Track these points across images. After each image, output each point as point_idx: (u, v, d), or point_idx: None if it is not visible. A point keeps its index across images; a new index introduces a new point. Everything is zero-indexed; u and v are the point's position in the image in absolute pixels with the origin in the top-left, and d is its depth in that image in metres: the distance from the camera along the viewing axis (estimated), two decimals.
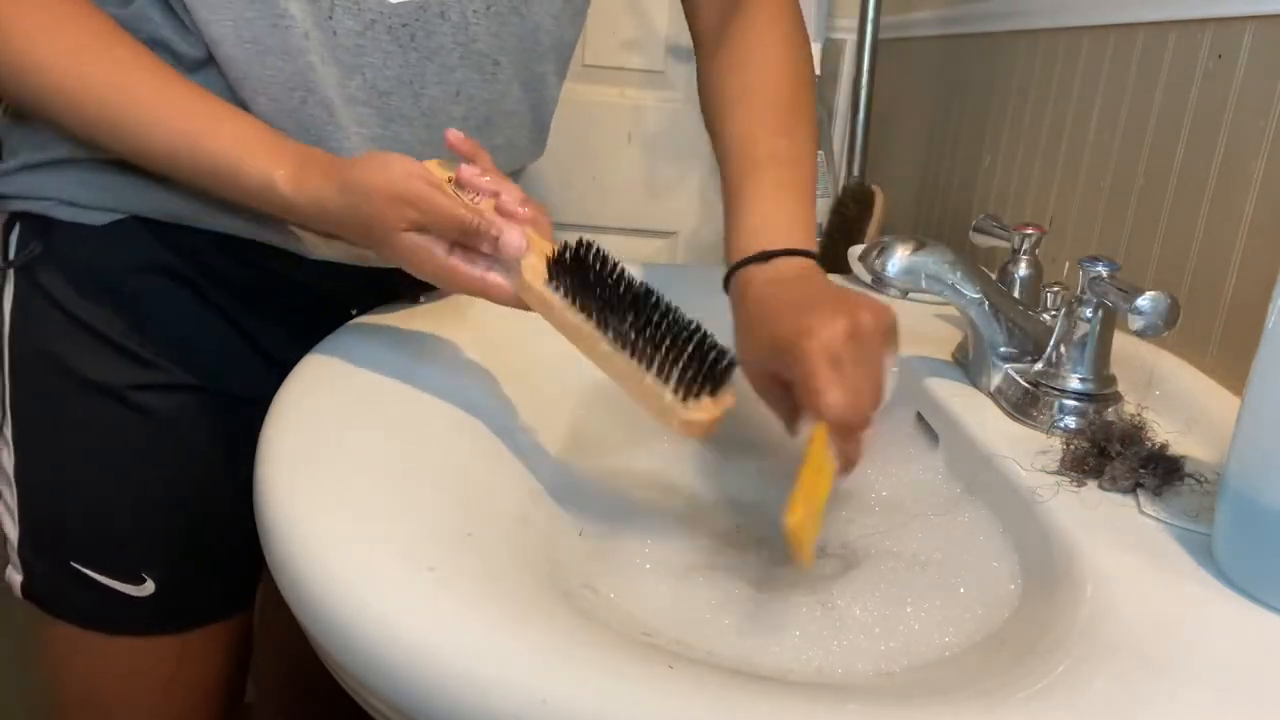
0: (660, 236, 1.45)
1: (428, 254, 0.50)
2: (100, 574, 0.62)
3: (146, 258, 0.61)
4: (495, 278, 0.50)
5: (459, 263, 0.50)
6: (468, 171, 0.52)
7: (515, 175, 0.70)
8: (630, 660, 0.34)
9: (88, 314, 0.61)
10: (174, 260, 0.62)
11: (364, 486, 0.44)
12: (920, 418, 0.63)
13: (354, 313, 0.66)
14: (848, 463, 0.46)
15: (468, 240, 0.49)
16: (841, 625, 0.43)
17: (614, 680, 0.33)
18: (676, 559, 0.49)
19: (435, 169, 0.52)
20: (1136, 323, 0.50)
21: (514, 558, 0.43)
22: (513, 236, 0.49)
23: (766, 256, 0.53)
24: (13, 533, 0.63)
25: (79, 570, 0.62)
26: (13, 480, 0.62)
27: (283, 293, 0.65)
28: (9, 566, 0.64)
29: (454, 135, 0.53)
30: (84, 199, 0.60)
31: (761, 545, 0.52)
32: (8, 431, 0.62)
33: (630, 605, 0.44)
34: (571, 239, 0.49)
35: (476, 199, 0.51)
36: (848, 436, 0.45)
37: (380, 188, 0.49)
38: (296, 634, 0.40)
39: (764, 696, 0.34)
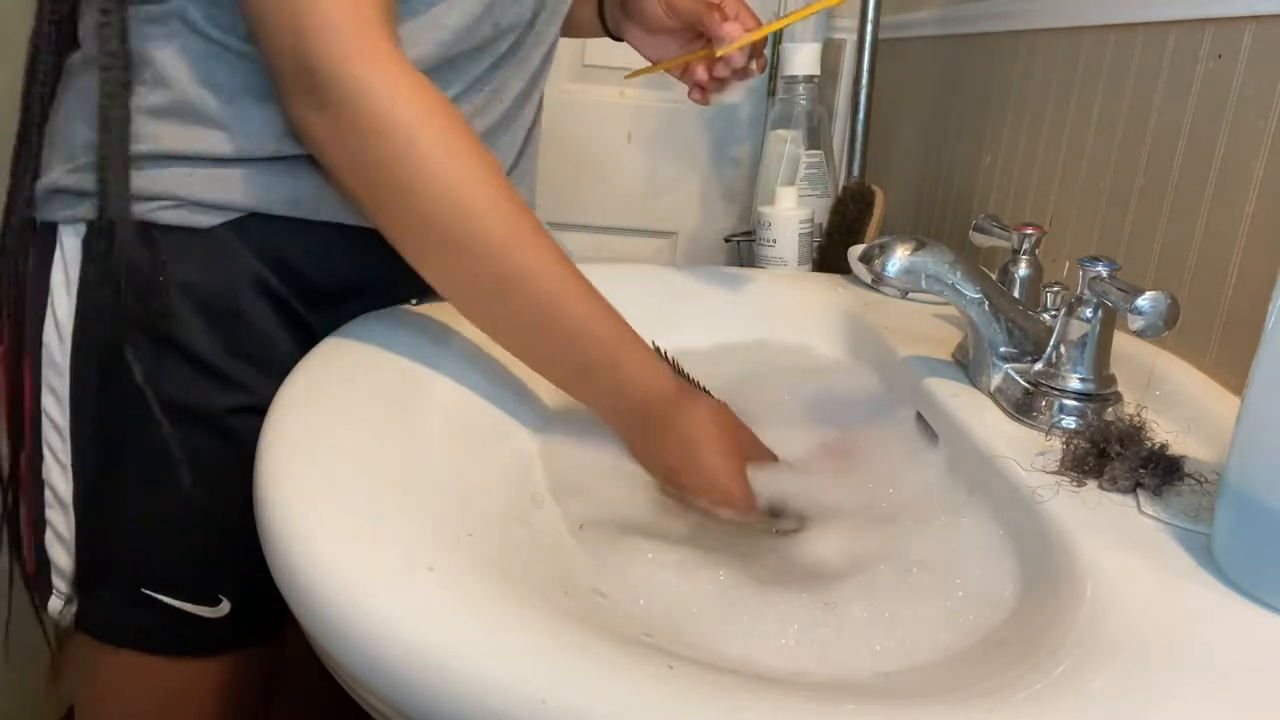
0: (660, 236, 1.45)
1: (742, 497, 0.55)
2: (174, 599, 0.60)
3: (243, 271, 0.59)
4: None
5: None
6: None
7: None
8: (630, 660, 0.34)
9: (179, 332, 0.58)
10: (264, 272, 0.60)
11: (364, 486, 0.44)
12: (920, 418, 0.63)
13: (415, 302, 0.67)
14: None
15: None
16: (841, 625, 0.43)
17: (614, 680, 0.33)
18: (677, 559, 0.49)
19: None
20: (1136, 323, 0.50)
21: (514, 558, 0.43)
22: None
23: None
24: (65, 560, 0.60)
25: (150, 596, 0.60)
26: (69, 505, 0.60)
27: (367, 298, 0.65)
28: (53, 597, 0.61)
29: None
30: (202, 194, 0.57)
31: (762, 546, 0.52)
32: (65, 456, 0.59)
33: (630, 605, 0.44)
34: None
35: None
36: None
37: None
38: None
39: (763, 696, 0.34)
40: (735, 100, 0.78)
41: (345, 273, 0.64)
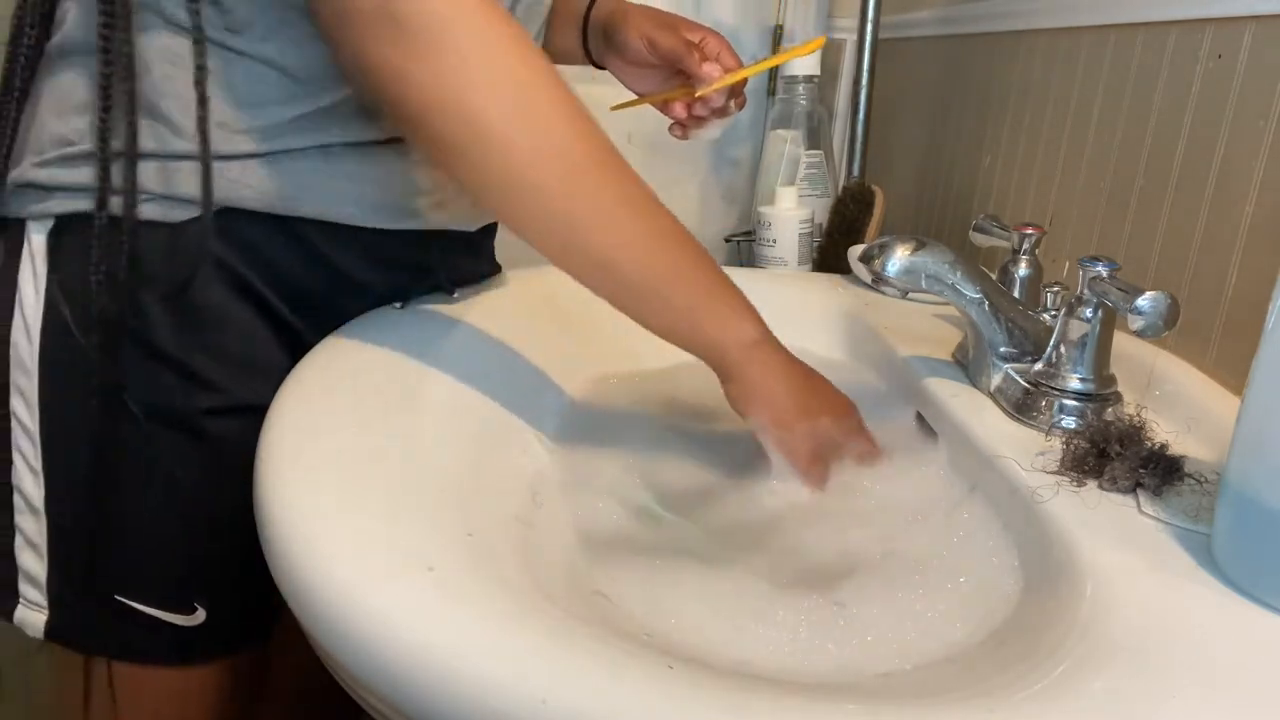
0: None
1: (830, 449, 0.57)
2: (149, 606, 0.59)
3: (214, 268, 0.58)
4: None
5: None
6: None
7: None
8: (630, 660, 0.34)
9: (147, 331, 0.56)
10: (242, 270, 0.59)
11: (364, 486, 0.44)
12: (920, 418, 0.63)
13: (399, 306, 0.67)
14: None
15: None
16: (841, 625, 0.43)
17: (614, 680, 0.33)
18: (677, 559, 0.49)
19: None
20: (1136, 323, 0.50)
21: (514, 558, 0.43)
22: None
23: None
24: (38, 567, 0.59)
25: (124, 604, 0.58)
26: (41, 510, 0.58)
27: (345, 297, 0.64)
28: (21, 604, 0.59)
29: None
30: (173, 189, 0.56)
31: (762, 545, 0.52)
32: (34, 460, 0.58)
33: (631, 605, 0.44)
34: None
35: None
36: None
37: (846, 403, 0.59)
38: (295, 638, 0.40)
39: (763, 696, 0.34)
40: (713, 136, 0.78)
41: (331, 272, 0.62)
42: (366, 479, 0.45)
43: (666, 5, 1.34)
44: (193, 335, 0.58)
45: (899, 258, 0.56)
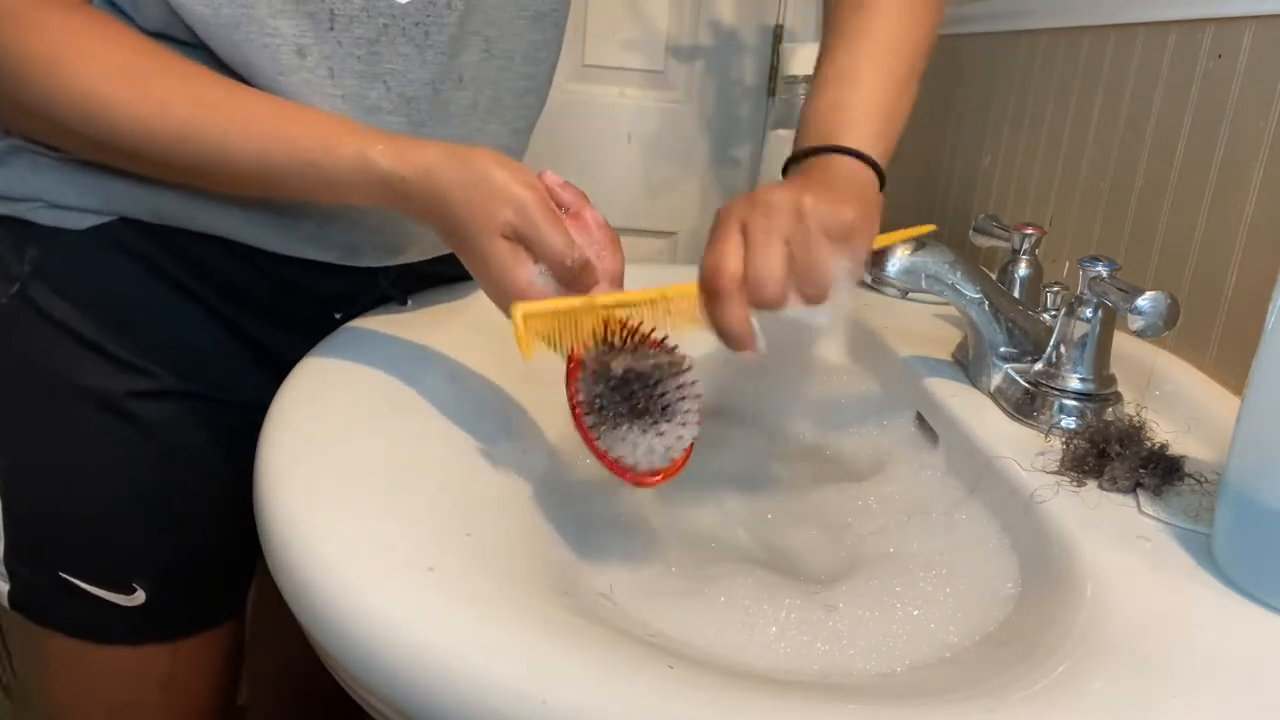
0: (660, 236, 1.45)
1: (511, 266, 0.46)
2: (89, 584, 0.61)
3: (135, 261, 0.59)
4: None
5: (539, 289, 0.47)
6: (551, 178, 0.49)
7: None
8: (630, 660, 0.34)
9: (76, 322, 0.59)
10: (165, 261, 0.60)
11: (364, 487, 0.44)
12: (920, 418, 0.63)
13: (337, 316, 0.65)
14: (724, 333, 0.46)
15: (559, 275, 0.47)
16: (841, 625, 0.43)
17: (614, 680, 0.33)
18: (677, 559, 0.49)
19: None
20: (1136, 323, 0.50)
21: (514, 558, 0.43)
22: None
23: (805, 154, 0.55)
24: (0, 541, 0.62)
25: (67, 580, 0.60)
26: None
27: (276, 291, 0.63)
28: None
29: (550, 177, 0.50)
30: (69, 199, 0.58)
31: (763, 546, 0.52)
32: None
33: (631, 605, 0.44)
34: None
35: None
36: (711, 300, 0.45)
37: (504, 177, 0.46)
38: (289, 636, 0.40)
39: (764, 696, 0.34)
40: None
41: (260, 274, 0.62)
42: (366, 479, 0.45)
43: (667, 5, 1.35)
44: (117, 324, 0.59)
45: (899, 258, 0.56)
